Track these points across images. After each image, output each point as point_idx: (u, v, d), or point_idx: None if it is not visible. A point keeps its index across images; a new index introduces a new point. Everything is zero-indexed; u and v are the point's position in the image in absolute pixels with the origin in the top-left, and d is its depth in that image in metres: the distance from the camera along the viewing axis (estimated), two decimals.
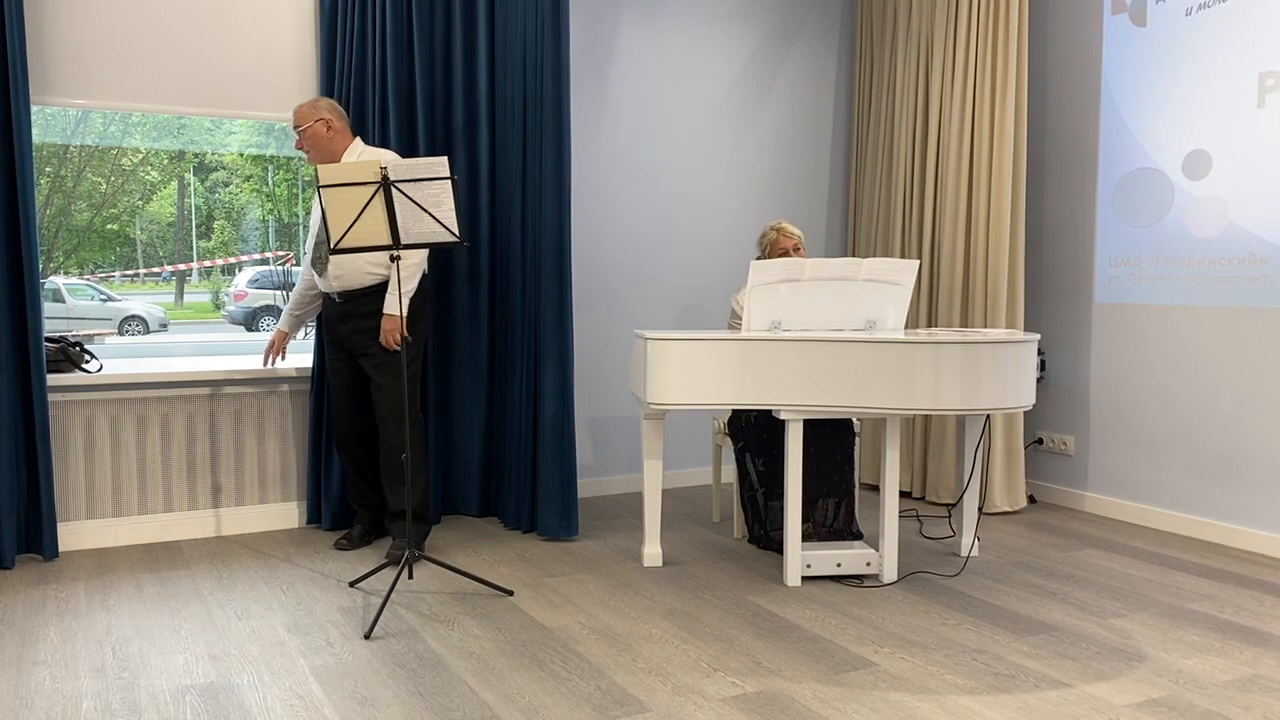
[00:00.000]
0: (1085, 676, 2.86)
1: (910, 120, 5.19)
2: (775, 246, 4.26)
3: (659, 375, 3.64)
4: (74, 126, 6.43)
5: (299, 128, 3.90)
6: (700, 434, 5.44)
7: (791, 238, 4.25)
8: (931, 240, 5.09)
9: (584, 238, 5.06)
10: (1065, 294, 4.95)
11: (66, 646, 3.06)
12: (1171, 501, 4.50)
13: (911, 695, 2.73)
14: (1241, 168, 4.19)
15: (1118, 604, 3.49)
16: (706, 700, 2.69)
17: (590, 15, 4.99)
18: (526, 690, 2.75)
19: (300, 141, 3.92)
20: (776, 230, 4.29)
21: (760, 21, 5.42)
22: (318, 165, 3.41)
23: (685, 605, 3.45)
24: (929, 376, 3.42)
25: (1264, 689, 2.78)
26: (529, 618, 3.32)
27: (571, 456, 4.26)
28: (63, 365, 4.11)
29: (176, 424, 4.25)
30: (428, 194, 3.28)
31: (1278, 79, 4.05)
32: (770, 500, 4.05)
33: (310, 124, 3.88)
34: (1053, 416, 5.03)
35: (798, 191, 5.60)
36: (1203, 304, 4.35)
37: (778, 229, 4.29)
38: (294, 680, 2.81)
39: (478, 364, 4.56)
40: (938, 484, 5.01)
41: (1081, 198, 4.86)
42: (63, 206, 10.60)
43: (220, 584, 3.67)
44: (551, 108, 4.18)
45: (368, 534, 4.20)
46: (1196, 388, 4.38)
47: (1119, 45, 4.66)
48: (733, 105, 5.39)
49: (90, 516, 4.13)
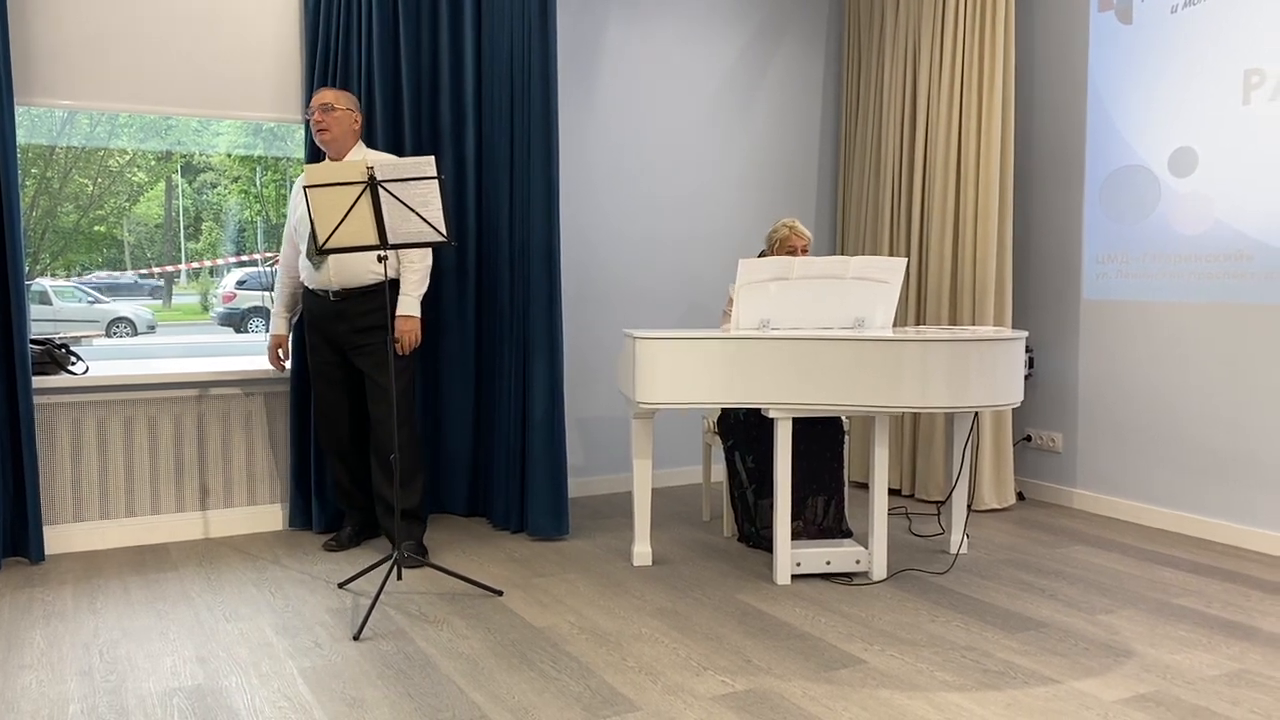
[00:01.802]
0: (1074, 672, 2.87)
1: (898, 119, 5.20)
2: (784, 244, 4.21)
3: (647, 374, 3.64)
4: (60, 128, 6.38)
5: (331, 105, 3.84)
6: (690, 433, 5.44)
7: (803, 238, 4.21)
8: (919, 238, 5.10)
9: (572, 236, 5.06)
10: (1053, 291, 4.96)
11: (53, 650, 3.04)
12: (1159, 498, 4.52)
13: (901, 692, 2.73)
14: (1227, 164, 4.21)
15: (1106, 600, 3.51)
16: (696, 699, 2.69)
17: (577, 14, 4.99)
18: (516, 690, 2.75)
19: (321, 118, 3.84)
20: (789, 228, 4.22)
21: (748, 20, 5.43)
22: (308, 167, 3.40)
23: (675, 604, 3.45)
24: (917, 374, 3.42)
25: (1251, 683, 2.80)
26: (518, 618, 3.32)
27: (561, 456, 4.25)
28: (49, 367, 4.09)
29: (164, 426, 4.23)
30: (415, 193, 3.27)
31: (1263, 76, 4.07)
32: (760, 498, 4.05)
33: (345, 108, 3.87)
34: (1041, 414, 5.04)
35: (786, 191, 5.61)
36: (1189, 300, 4.36)
37: (791, 227, 4.22)
38: (282, 682, 2.80)
39: (466, 363, 4.55)
40: (927, 481, 5.02)
41: (1069, 195, 4.88)
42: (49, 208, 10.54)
43: (208, 586, 3.66)
44: (539, 106, 4.17)
45: (357, 535, 4.19)
46: (1184, 384, 4.40)
47: (1105, 43, 4.68)
48: (721, 104, 5.39)
49: (77, 519, 4.11)
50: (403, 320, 3.86)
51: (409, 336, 3.86)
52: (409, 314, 3.86)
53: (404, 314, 3.86)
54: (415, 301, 3.89)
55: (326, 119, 3.85)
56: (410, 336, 3.87)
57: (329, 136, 3.86)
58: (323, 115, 3.85)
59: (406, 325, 3.86)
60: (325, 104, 3.85)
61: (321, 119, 3.85)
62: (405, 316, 3.86)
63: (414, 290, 3.89)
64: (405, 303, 3.87)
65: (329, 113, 3.84)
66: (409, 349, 3.89)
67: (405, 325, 3.86)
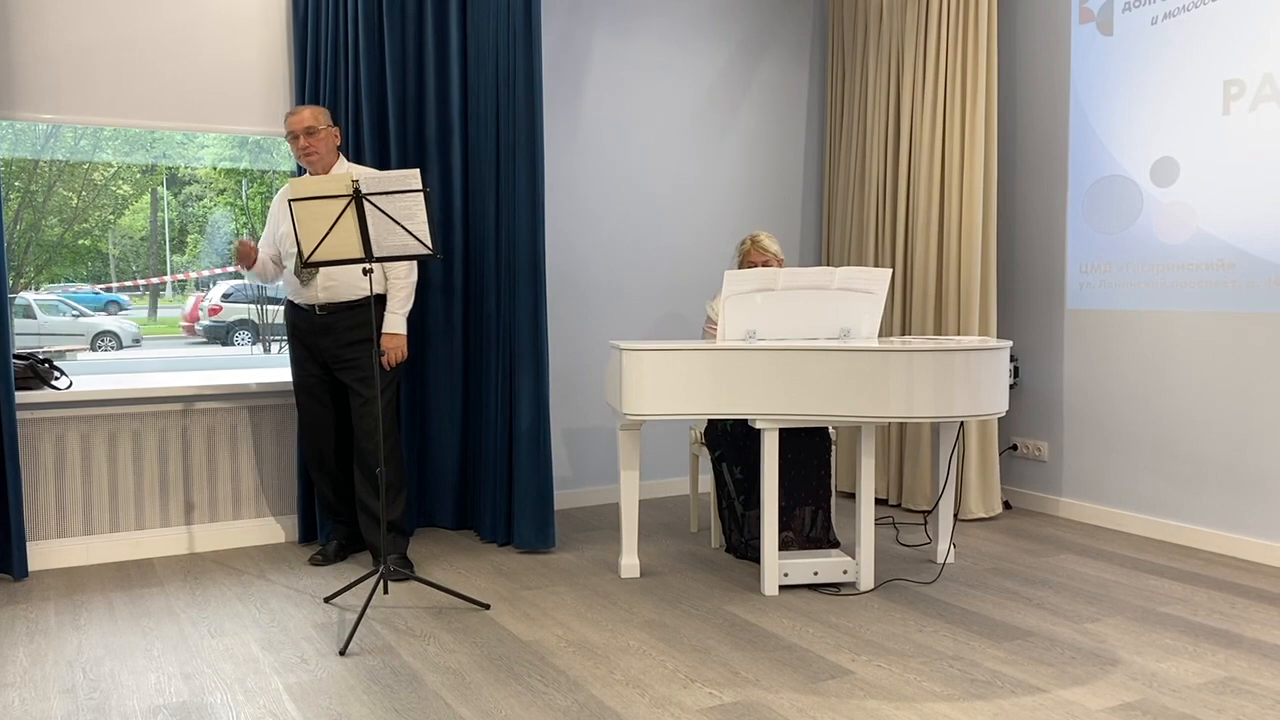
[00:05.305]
0: (1060, 681, 2.87)
1: (882, 130, 5.22)
2: (746, 259, 4.25)
3: (634, 386, 3.64)
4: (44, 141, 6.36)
5: (314, 128, 3.81)
6: (677, 444, 5.44)
7: (765, 254, 4.21)
8: (904, 248, 5.12)
9: (558, 247, 5.06)
10: (1037, 301, 4.99)
11: (36, 668, 3.01)
12: (1145, 506, 4.54)
13: (889, 703, 2.73)
14: (1208, 174, 4.24)
15: (1092, 608, 3.52)
16: (684, 711, 2.68)
17: (563, 26, 5.00)
18: (503, 704, 2.73)
19: (308, 141, 3.81)
20: (751, 242, 4.26)
21: (731, 32, 5.45)
22: (291, 180, 3.39)
23: (663, 616, 3.45)
24: (902, 384, 3.43)
25: (1236, 691, 2.81)
26: (505, 631, 3.30)
27: (548, 468, 4.24)
28: (32, 383, 4.06)
29: (148, 440, 4.21)
30: (400, 206, 3.27)
31: (1242, 86, 4.11)
32: (747, 509, 4.05)
33: (326, 128, 3.85)
34: (1026, 423, 5.06)
35: (772, 201, 5.62)
36: (1172, 309, 4.39)
37: (753, 241, 4.26)
38: (268, 698, 2.79)
39: (452, 375, 4.55)
40: (913, 491, 5.03)
41: (1052, 205, 4.91)
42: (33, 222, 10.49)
43: (193, 601, 3.63)
44: (524, 117, 4.17)
45: (343, 549, 4.17)
46: (1168, 392, 4.43)
47: (1087, 54, 4.71)
48: (707, 115, 5.40)
49: (61, 535, 4.08)
50: (389, 338, 3.88)
51: (395, 354, 3.88)
52: (395, 331, 3.88)
53: (390, 331, 3.88)
54: (401, 319, 3.91)
55: (312, 143, 3.82)
56: (396, 353, 3.88)
57: (316, 158, 3.85)
58: (308, 140, 3.82)
59: (392, 343, 3.88)
60: (308, 128, 3.81)
61: (307, 144, 3.82)
62: (391, 334, 3.87)
63: (400, 308, 3.90)
64: (391, 320, 3.89)
65: (313, 135, 3.82)
66: (394, 365, 3.89)
67: (391, 342, 3.88)
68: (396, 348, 3.88)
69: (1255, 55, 4.06)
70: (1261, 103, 4.04)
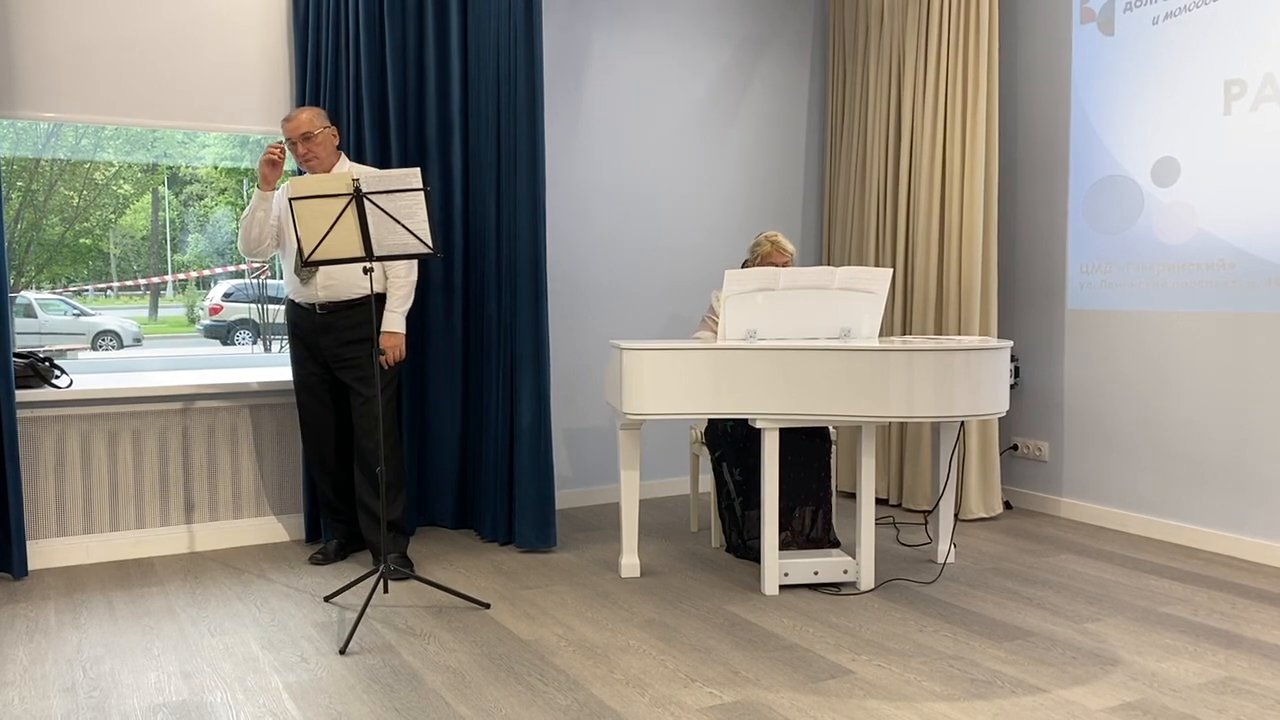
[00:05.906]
0: (1061, 681, 2.87)
1: (883, 130, 5.22)
2: (766, 260, 4.16)
3: (634, 385, 3.63)
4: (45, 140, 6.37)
5: (311, 133, 3.80)
6: (677, 444, 5.44)
7: (785, 254, 4.16)
8: (905, 248, 5.12)
9: (559, 247, 5.06)
10: (1038, 301, 4.99)
11: (36, 666, 3.01)
12: (1145, 506, 4.54)
13: (889, 702, 2.73)
14: (1209, 174, 4.24)
15: (1092, 608, 3.51)
16: (684, 711, 2.68)
17: (563, 25, 5.00)
18: (503, 704, 2.73)
19: (306, 147, 3.79)
20: (773, 244, 4.17)
21: (733, 32, 5.45)
22: (292, 179, 3.39)
23: (663, 616, 3.45)
24: (903, 384, 3.43)
25: (1237, 691, 2.80)
26: (506, 630, 3.30)
27: (549, 467, 4.24)
28: (32, 381, 4.06)
29: (149, 439, 4.21)
30: (400, 205, 3.27)
31: (1243, 86, 4.11)
32: (747, 509, 4.05)
33: (324, 129, 3.84)
34: (1027, 423, 5.06)
35: (772, 200, 5.62)
36: (1174, 309, 4.39)
37: (774, 242, 4.17)
38: (268, 697, 2.79)
39: (452, 375, 4.55)
40: (914, 491, 5.03)
41: (1053, 205, 4.90)
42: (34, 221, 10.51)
43: (193, 600, 3.63)
44: (525, 116, 4.17)
45: (343, 548, 4.17)
46: (1168, 392, 4.42)
47: (1088, 54, 4.71)
48: (707, 115, 5.40)
49: (61, 534, 4.08)
50: (388, 336, 3.88)
51: (394, 352, 3.88)
52: (394, 330, 3.89)
53: (389, 330, 3.88)
54: (400, 318, 3.91)
55: (310, 148, 3.81)
56: (395, 352, 3.89)
57: (315, 163, 3.83)
58: (306, 146, 3.80)
59: (391, 341, 3.88)
60: (305, 134, 3.79)
61: (306, 150, 3.80)
62: (390, 333, 3.88)
63: (399, 307, 3.90)
64: (391, 319, 3.89)
65: (310, 140, 3.80)
66: (393, 363, 3.90)
67: (390, 341, 3.88)
68: (395, 346, 3.89)
69: (1256, 55, 4.06)
70: (1263, 103, 4.04)
